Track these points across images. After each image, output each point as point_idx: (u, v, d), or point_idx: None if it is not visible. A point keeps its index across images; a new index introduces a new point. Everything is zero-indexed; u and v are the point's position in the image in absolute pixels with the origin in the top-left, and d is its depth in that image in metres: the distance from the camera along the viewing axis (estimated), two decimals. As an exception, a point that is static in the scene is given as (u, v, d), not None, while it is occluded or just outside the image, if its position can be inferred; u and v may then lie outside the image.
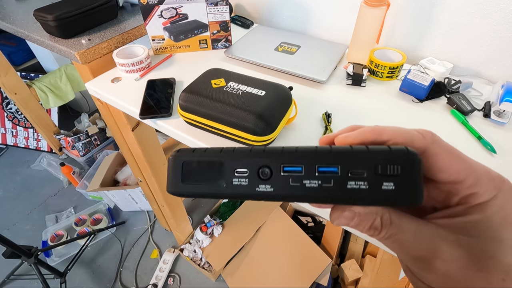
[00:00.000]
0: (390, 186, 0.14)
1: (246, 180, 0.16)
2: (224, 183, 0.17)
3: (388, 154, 0.14)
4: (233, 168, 0.16)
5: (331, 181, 0.15)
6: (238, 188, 0.16)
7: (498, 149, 0.56)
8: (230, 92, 0.57)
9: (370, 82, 0.75)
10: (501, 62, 0.71)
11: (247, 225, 1.35)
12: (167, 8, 0.77)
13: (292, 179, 0.15)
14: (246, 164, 0.16)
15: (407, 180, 0.14)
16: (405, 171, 0.14)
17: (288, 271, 1.22)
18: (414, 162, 0.14)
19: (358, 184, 0.15)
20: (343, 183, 0.15)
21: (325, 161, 0.15)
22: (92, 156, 1.75)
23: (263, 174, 0.16)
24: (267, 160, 0.16)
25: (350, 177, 0.15)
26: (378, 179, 0.14)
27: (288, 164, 0.16)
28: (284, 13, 0.98)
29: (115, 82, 0.75)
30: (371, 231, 0.16)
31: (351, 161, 0.15)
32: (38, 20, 0.82)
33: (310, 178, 0.15)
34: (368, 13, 0.71)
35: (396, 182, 0.14)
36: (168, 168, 0.18)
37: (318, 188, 0.15)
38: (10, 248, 1.07)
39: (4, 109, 1.81)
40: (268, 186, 0.16)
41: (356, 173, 0.15)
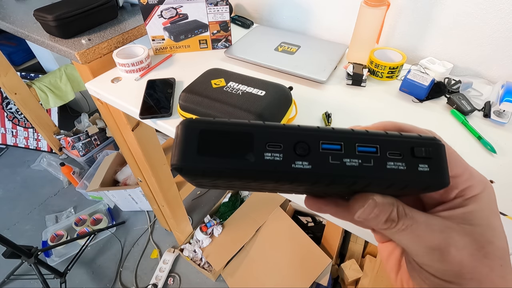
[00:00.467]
0: (425, 168, 0.15)
1: (280, 155, 0.14)
2: (253, 157, 0.14)
3: (420, 139, 0.15)
4: (265, 141, 0.14)
5: (371, 161, 0.15)
6: (270, 164, 0.14)
7: (498, 149, 0.56)
8: (230, 92, 0.57)
9: (370, 82, 0.75)
10: (501, 62, 0.71)
11: (247, 225, 1.35)
12: (167, 8, 0.77)
13: (332, 157, 0.14)
14: (280, 138, 0.14)
15: (438, 163, 0.15)
16: (436, 155, 0.15)
17: (288, 271, 1.22)
18: (442, 147, 0.15)
19: (397, 165, 0.15)
20: (383, 163, 0.15)
21: (364, 141, 0.15)
22: (92, 156, 1.75)
23: (301, 149, 0.14)
24: (304, 136, 0.15)
25: (388, 158, 0.15)
26: (415, 161, 0.15)
27: (327, 142, 0.15)
28: (284, 13, 0.98)
29: (115, 82, 0.75)
30: (388, 224, 0.16)
31: (389, 143, 0.15)
32: (38, 20, 0.82)
33: (351, 157, 0.14)
34: (368, 13, 0.71)
35: (429, 164, 0.15)
36: (178, 137, 0.14)
37: (359, 167, 0.14)
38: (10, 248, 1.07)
39: (4, 109, 1.81)
40: (305, 163, 0.14)
41: (394, 154, 0.15)
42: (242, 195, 1.57)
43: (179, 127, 0.15)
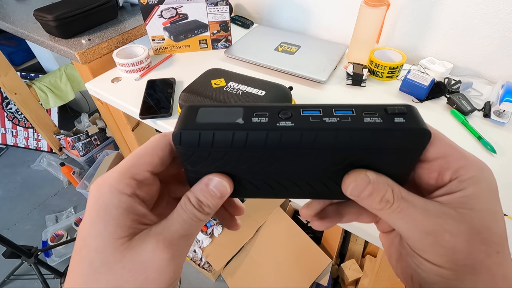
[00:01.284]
0: (400, 119, 0.16)
1: (266, 119, 0.16)
2: (242, 121, 0.16)
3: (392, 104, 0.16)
4: (253, 111, 0.16)
5: (349, 118, 0.16)
6: (257, 125, 0.16)
7: (498, 149, 0.56)
8: (230, 92, 0.57)
9: (370, 82, 0.75)
10: (501, 62, 0.71)
11: (247, 225, 1.35)
12: (167, 8, 0.77)
13: (312, 118, 0.16)
14: (266, 109, 0.16)
15: (412, 116, 0.16)
16: (409, 111, 0.16)
17: (288, 271, 1.22)
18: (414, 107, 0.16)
19: (373, 119, 0.16)
20: (360, 119, 0.16)
21: (340, 107, 0.16)
22: (92, 156, 1.75)
23: (284, 114, 0.16)
24: (287, 106, 0.17)
25: (365, 116, 0.16)
26: (390, 116, 0.16)
27: (307, 109, 0.16)
28: (284, 13, 0.98)
29: (115, 82, 0.75)
30: (382, 204, 0.16)
31: (363, 107, 0.16)
32: (38, 20, 0.82)
33: (329, 117, 0.16)
34: (368, 13, 0.71)
35: (405, 117, 0.16)
36: (181, 114, 0.17)
37: (338, 123, 0.16)
38: (10, 248, 1.07)
39: (4, 109, 1.81)
40: (288, 122, 0.16)
41: (369, 114, 0.16)
42: (242, 195, 1.57)
43: (183, 108, 0.17)
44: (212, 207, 0.17)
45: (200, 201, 0.17)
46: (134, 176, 0.16)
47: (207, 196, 0.17)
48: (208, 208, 0.17)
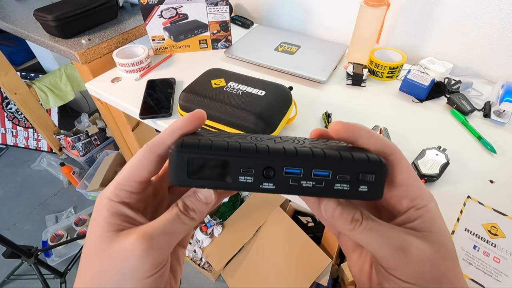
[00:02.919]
0: (364, 188, 0.18)
1: (251, 179, 0.18)
2: (230, 179, 0.18)
3: (367, 164, 0.18)
4: (240, 167, 0.18)
5: (323, 183, 0.18)
6: (243, 185, 0.18)
7: (498, 149, 0.56)
8: (230, 92, 0.57)
9: (370, 82, 0.75)
10: (501, 62, 0.71)
11: (247, 225, 1.35)
12: (167, 8, 0.77)
13: (292, 180, 0.18)
14: (252, 164, 0.18)
15: (377, 185, 0.18)
16: (377, 178, 0.18)
17: (288, 271, 1.22)
18: (384, 172, 0.18)
19: (342, 186, 0.18)
20: (331, 185, 0.18)
21: (320, 166, 0.18)
22: (92, 156, 1.75)
23: (268, 174, 0.18)
24: (272, 162, 0.18)
25: (337, 180, 0.18)
26: (357, 183, 0.18)
27: (290, 167, 0.18)
28: (284, 13, 0.98)
29: (115, 82, 0.75)
30: (353, 223, 0.18)
31: (340, 168, 0.18)
32: (38, 20, 0.82)
33: (307, 180, 0.18)
34: (368, 13, 0.71)
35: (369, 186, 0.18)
36: (171, 160, 0.18)
37: (312, 187, 0.18)
38: (10, 248, 1.07)
39: (4, 109, 1.81)
40: (271, 184, 0.18)
41: (342, 178, 0.18)
42: (242, 195, 1.57)
43: (171, 153, 0.18)
44: (197, 211, 0.19)
45: (186, 205, 0.19)
46: (123, 187, 0.19)
47: (193, 201, 0.19)
48: (193, 212, 0.19)
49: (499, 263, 0.41)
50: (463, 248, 0.43)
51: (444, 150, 0.54)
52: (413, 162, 0.52)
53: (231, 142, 0.19)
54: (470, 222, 0.45)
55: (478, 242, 0.43)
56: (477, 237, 0.43)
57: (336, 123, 0.20)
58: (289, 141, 0.20)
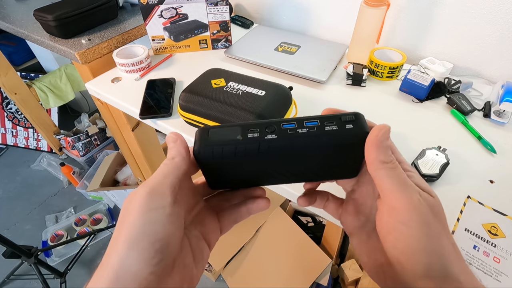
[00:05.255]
0: (350, 125, 0.23)
1: (257, 134, 0.23)
2: (241, 137, 0.23)
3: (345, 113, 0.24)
4: (248, 128, 0.23)
5: (315, 128, 0.23)
6: (252, 139, 0.23)
7: (498, 149, 0.56)
8: (230, 92, 0.57)
9: (370, 82, 0.75)
10: (501, 62, 0.71)
11: (247, 225, 1.35)
12: (167, 8, 0.77)
13: (289, 130, 0.23)
14: (256, 126, 0.23)
15: (359, 122, 0.23)
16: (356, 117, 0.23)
17: (288, 271, 1.22)
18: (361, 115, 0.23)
19: (331, 127, 0.23)
20: (322, 127, 0.23)
21: (309, 119, 0.23)
22: (92, 156, 1.75)
23: (270, 128, 0.23)
24: (271, 122, 0.23)
25: (325, 125, 0.23)
26: (343, 124, 0.23)
27: (285, 123, 0.23)
28: (284, 13, 0.98)
29: (115, 82, 0.75)
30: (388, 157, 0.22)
31: (325, 118, 0.23)
32: (38, 20, 0.82)
33: (301, 128, 0.23)
34: (368, 13, 0.71)
35: (353, 123, 0.23)
36: (196, 136, 0.24)
37: (307, 132, 0.23)
38: (10, 248, 1.07)
39: (4, 109, 1.81)
40: (273, 135, 0.23)
41: (329, 123, 0.23)
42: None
43: (197, 130, 0.24)
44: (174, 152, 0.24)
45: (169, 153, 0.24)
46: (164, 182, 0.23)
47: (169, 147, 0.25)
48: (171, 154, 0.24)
49: (499, 263, 0.41)
50: (463, 248, 0.43)
51: (444, 150, 0.54)
52: (413, 162, 0.52)
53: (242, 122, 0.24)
54: (470, 222, 0.45)
55: (478, 242, 0.43)
56: (477, 237, 0.43)
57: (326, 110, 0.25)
58: None
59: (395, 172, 0.21)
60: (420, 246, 0.20)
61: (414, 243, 0.20)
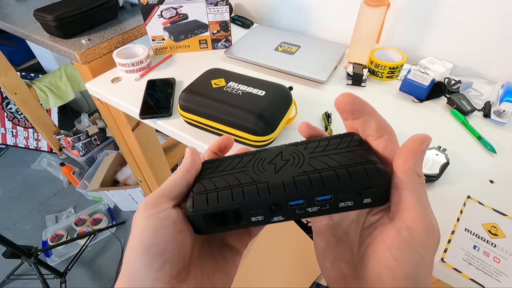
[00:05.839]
0: (368, 200, 0.19)
1: (262, 217, 0.20)
2: (244, 222, 0.20)
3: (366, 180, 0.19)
4: (249, 211, 0.20)
5: (327, 205, 0.19)
6: (255, 223, 0.20)
7: (498, 149, 0.56)
8: (230, 92, 0.57)
9: (370, 82, 0.75)
10: (501, 62, 0.71)
11: (247, 225, 1.35)
12: (167, 8, 0.77)
13: (298, 209, 0.20)
14: (259, 206, 0.20)
15: (379, 194, 0.19)
16: (378, 190, 0.19)
17: (288, 271, 1.22)
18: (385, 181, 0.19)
19: (347, 204, 0.19)
20: (336, 204, 0.19)
21: (321, 194, 0.19)
22: (92, 156, 1.75)
23: (275, 210, 0.20)
24: (276, 201, 0.19)
25: (340, 200, 0.19)
26: (360, 198, 0.19)
27: (293, 201, 0.19)
28: (284, 13, 0.98)
29: (115, 82, 0.75)
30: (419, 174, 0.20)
31: (340, 191, 0.19)
32: (38, 20, 0.82)
33: (311, 206, 0.19)
34: (368, 13, 0.71)
35: (372, 197, 0.19)
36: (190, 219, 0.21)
37: (318, 211, 0.20)
38: (10, 248, 1.07)
39: (4, 109, 1.81)
40: (280, 217, 0.20)
41: (344, 197, 0.19)
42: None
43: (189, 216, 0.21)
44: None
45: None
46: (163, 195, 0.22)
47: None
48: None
49: (499, 263, 0.41)
50: (463, 248, 0.43)
51: (444, 150, 0.54)
52: (413, 162, 0.52)
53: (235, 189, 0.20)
54: (470, 222, 0.45)
55: (478, 242, 0.43)
56: (477, 237, 0.43)
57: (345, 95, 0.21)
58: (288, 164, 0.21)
59: (423, 189, 0.19)
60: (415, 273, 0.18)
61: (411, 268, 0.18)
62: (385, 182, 0.19)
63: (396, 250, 0.19)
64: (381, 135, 0.20)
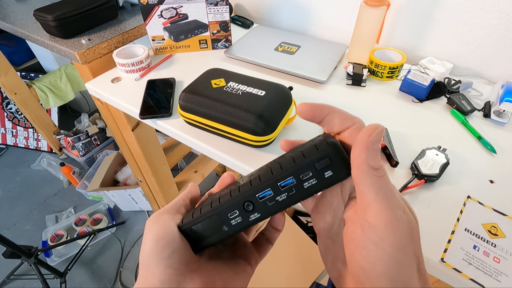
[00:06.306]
0: (329, 173, 0.20)
1: (240, 218, 0.22)
2: (226, 227, 0.22)
3: (317, 153, 0.20)
4: (226, 213, 0.22)
5: (293, 189, 0.20)
6: (236, 226, 0.22)
7: (498, 149, 0.56)
8: (230, 92, 0.57)
9: (370, 82, 0.75)
10: (501, 62, 0.71)
11: (247, 225, 1.35)
12: (167, 8, 0.77)
13: (268, 201, 0.21)
14: (234, 207, 0.22)
15: (338, 164, 0.20)
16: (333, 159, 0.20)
17: (288, 271, 1.22)
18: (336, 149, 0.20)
19: (311, 182, 0.20)
20: (301, 186, 0.20)
21: (282, 177, 0.20)
22: (92, 156, 1.75)
23: (248, 207, 0.21)
24: (246, 196, 0.21)
25: (303, 180, 0.20)
26: (321, 173, 0.20)
27: (260, 192, 0.21)
28: (284, 13, 0.98)
29: (115, 82, 0.75)
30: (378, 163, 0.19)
31: (298, 170, 0.20)
32: (38, 20, 0.82)
33: (279, 194, 0.21)
34: (368, 13, 0.71)
35: (332, 169, 0.20)
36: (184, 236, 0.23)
37: (287, 198, 0.21)
38: (10, 248, 1.07)
39: (4, 109, 1.81)
40: (256, 213, 0.21)
41: (305, 177, 0.20)
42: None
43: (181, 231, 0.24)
44: None
45: None
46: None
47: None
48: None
49: (499, 263, 0.41)
50: (463, 248, 0.43)
51: (444, 150, 0.54)
52: (413, 162, 0.52)
53: (214, 201, 0.23)
54: (470, 222, 0.45)
55: (478, 242, 0.43)
56: (477, 237, 0.43)
57: (302, 105, 0.21)
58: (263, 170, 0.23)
59: (382, 181, 0.18)
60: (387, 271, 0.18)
61: (381, 267, 0.18)
62: (336, 152, 0.19)
63: (362, 249, 0.19)
64: (346, 126, 0.21)
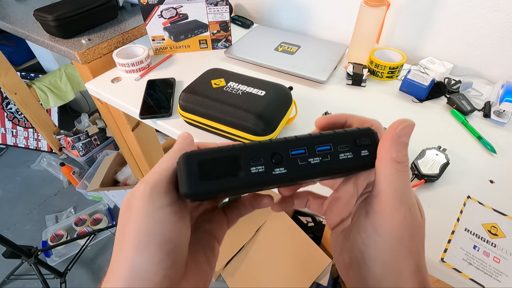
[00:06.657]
0: (365, 152, 0.20)
1: (262, 167, 0.19)
2: (243, 173, 0.18)
3: (359, 131, 0.20)
4: (249, 158, 0.19)
5: (328, 156, 0.20)
6: (256, 176, 0.19)
7: (498, 149, 0.56)
8: (230, 92, 0.57)
9: (370, 82, 0.75)
10: (501, 62, 0.71)
11: (247, 225, 1.35)
12: (167, 8, 0.77)
13: (300, 159, 0.19)
14: (260, 153, 0.19)
15: (375, 147, 0.20)
16: (371, 140, 0.20)
17: (288, 271, 1.22)
18: (375, 134, 0.20)
19: (346, 155, 0.20)
20: (336, 155, 0.20)
21: (320, 142, 0.20)
22: (92, 156, 1.75)
23: (276, 159, 0.19)
24: (277, 148, 0.19)
25: (339, 151, 0.20)
26: (358, 149, 0.20)
27: (294, 149, 0.19)
28: (284, 13, 0.98)
29: (115, 82, 0.75)
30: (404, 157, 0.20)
31: (338, 140, 0.20)
32: (38, 20, 0.82)
33: (313, 156, 0.19)
34: (368, 13, 0.71)
35: (368, 149, 0.20)
36: (180, 169, 0.18)
37: (320, 162, 0.20)
38: (10, 248, 1.07)
39: (4, 109, 1.81)
40: (282, 168, 0.19)
41: (343, 147, 0.20)
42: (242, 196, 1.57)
43: (180, 161, 0.19)
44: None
45: None
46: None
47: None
48: None
49: (499, 263, 0.41)
50: (463, 248, 0.43)
51: (444, 150, 0.54)
52: (413, 162, 0.52)
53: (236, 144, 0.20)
54: (470, 222, 0.45)
55: (478, 242, 0.43)
56: (477, 237, 0.43)
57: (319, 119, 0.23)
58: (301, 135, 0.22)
59: (400, 175, 0.18)
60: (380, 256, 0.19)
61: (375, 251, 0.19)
62: (374, 137, 0.20)
63: (363, 232, 0.20)
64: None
